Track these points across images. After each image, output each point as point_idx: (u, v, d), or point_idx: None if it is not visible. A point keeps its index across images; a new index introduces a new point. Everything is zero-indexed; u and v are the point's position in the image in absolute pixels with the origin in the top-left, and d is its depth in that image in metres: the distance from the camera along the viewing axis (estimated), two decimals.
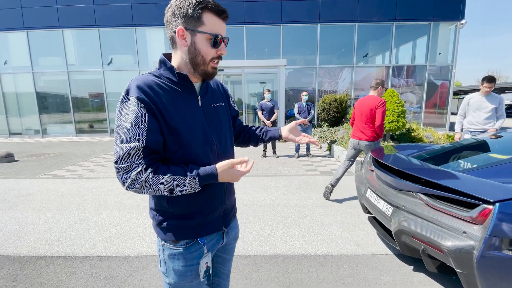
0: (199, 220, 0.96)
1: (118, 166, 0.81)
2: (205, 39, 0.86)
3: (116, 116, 0.83)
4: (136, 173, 0.81)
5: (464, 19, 10.22)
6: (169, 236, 0.95)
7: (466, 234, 1.57)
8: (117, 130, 0.82)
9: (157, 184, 0.82)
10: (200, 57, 0.88)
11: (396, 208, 2.08)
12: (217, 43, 0.87)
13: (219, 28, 0.87)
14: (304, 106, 6.25)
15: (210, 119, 0.97)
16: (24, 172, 5.52)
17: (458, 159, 2.44)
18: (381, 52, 11.39)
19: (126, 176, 0.81)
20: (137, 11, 10.50)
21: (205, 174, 0.87)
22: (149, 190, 0.83)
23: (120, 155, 0.81)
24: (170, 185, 0.83)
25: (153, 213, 0.98)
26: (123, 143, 0.80)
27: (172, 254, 0.96)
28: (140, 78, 0.87)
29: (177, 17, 0.84)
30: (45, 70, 11.35)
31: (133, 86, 0.83)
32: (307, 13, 10.34)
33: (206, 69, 0.91)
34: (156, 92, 0.84)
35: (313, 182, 4.57)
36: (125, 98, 0.82)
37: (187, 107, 0.90)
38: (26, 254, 2.46)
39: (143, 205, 3.62)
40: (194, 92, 0.94)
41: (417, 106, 11.12)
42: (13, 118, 11.76)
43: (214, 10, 0.84)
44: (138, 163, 0.81)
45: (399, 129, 5.94)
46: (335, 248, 2.49)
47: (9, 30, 10.93)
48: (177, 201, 0.92)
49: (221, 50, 0.90)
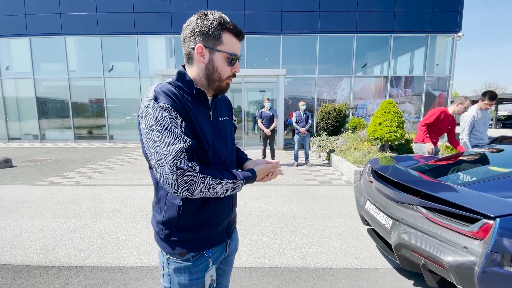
0: (206, 232, 0.96)
1: (174, 169, 0.79)
2: (223, 57, 0.90)
3: (150, 121, 0.82)
4: (194, 176, 0.81)
5: (461, 31, 10.41)
6: (176, 249, 0.94)
7: (466, 249, 1.55)
8: (159, 135, 0.80)
9: (216, 187, 0.87)
10: (216, 75, 0.92)
11: (396, 221, 2.06)
12: (231, 61, 0.92)
13: (236, 48, 0.92)
14: (302, 115, 6.28)
15: (218, 132, 1.00)
16: (21, 178, 5.47)
17: (458, 171, 2.44)
18: (380, 62, 11.56)
19: (183, 181, 0.80)
20: (139, 19, 10.65)
21: (249, 177, 0.97)
22: (205, 193, 0.86)
23: (172, 158, 0.79)
24: (224, 188, 0.90)
25: (159, 226, 0.96)
26: (169, 146, 0.80)
27: (178, 268, 0.95)
28: (164, 86, 0.88)
29: (196, 35, 0.88)
30: (46, 76, 11.41)
31: (162, 94, 0.84)
32: (306, 24, 10.52)
33: (221, 85, 0.95)
34: (181, 102, 0.87)
35: (312, 191, 4.55)
36: (156, 104, 0.82)
37: (200, 119, 0.93)
38: (20, 263, 2.41)
39: (140, 213, 3.58)
40: (207, 106, 0.98)
41: (416, 116, 11.20)
42: (12, 123, 11.74)
43: (233, 31, 0.89)
44: (191, 165, 0.82)
45: (398, 139, 5.96)
46: (334, 261, 2.46)
47: (12, 36, 11.03)
48: (188, 214, 0.92)
49: (236, 68, 0.95)
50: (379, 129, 5.95)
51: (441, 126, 3.78)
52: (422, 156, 3.35)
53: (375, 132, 6.01)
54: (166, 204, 0.93)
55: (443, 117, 3.73)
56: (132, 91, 11.27)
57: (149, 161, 0.88)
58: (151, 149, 0.82)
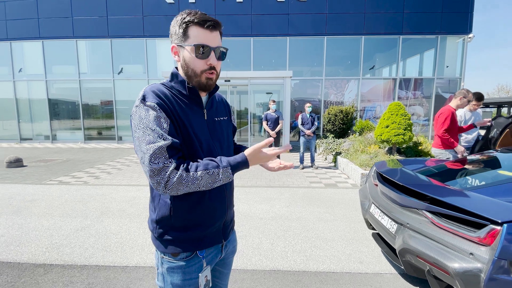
0: (199, 233, 0.96)
1: (151, 168, 0.80)
2: (190, 51, 0.89)
3: (136, 121, 0.84)
4: (169, 173, 0.81)
5: (471, 32, 10.19)
6: (169, 249, 0.95)
7: (473, 255, 1.50)
8: (141, 134, 0.82)
9: (193, 181, 0.83)
10: (190, 70, 0.91)
11: (401, 225, 2.01)
12: (203, 53, 0.88)
13: (204, 38, 0.88)
14: (308, 117, 6.25)
15: (213, 132, 1.00)
16: (31, 178, 5.60)
17: (466, 175, 2.37)
18: (388, 64, 11.40)
19: (159, 179, 0.81)
20: (148, 22, 10.83)
21: (236, 163, 0.89)
22: (184, 189, 0.84)
23: (149, 156, 0.80)
24: (206, 180, 0.85)
25: (154, 225, 0.97)
26: (149, 144, 0.81)
27: (171, 268, 0.96)
28: (155, 86, 0.90)
29: (171, 37, 0.92)
30: (58, 78, 11.71)
31: (150, 93, 0.86)
32: (313, 26, 10.48)
33: (200, 80, 0.92)
34: (170, 101, 0.88)
35: (317, 194, 4.50)
36: (143, 103, 0.84)
37: (194, 119, 0.93)
38: (25, 261, 2.46)
39: (145, 214, 3.61)
40: (201, 106, 0.97)
41: (425, 119, 10.99)
42: (24, 123, 12.08)
43: (197, 23, 0.87)
44: (169, 162, 0.81)
45: (406, 142, 5.85)
46: (337, 265, 2.42)
47: (25, 39, 11.38)
48: (180, 213, 0.93)
49: (210, 60, 0.90)
50: (386, 132, 5.85)
51: (455, 125, 3.68)
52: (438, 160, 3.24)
53: (383, 134, 5.91)
54: (160, 202, 0.94)
55: (453, 115, 3.62)
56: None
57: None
58: (137, 147, 0.84)
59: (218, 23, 0.90)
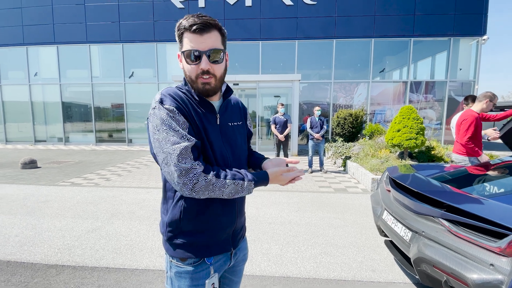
0: (208, 239, 0.96)
1: (180, 167, 0.80)
2: (184, 57, 0.89)
3: (156, 122, 0.84)
4: (198, 175, 0.81)
5: (486, 34, 9.95)
6: (177, 253, 0.95)
7: (493, 266, 1.44)
8: (164, 135, 0.82)
9: (220, 188, 0.84)
10: (187, 76, 0.92)
11: (415, 233, 1.95)
12: (194, 58, 0.87)
13: (195, 43, 0.86)
14: (316, 120, 6.20)
15: (226, 137, 0.99)
16: (44, 179, 5.74)
17: (483, 182, 2.29)
18: (399, 67, 11.23)
19: (187, 180, 0.81)
20: (159, 27, 11.03)
21: (260, 180, 0.92)
22: (209, 194, 0.84)
23: (177, 156, 0.80)
24: (230, 189, 0.86)
25: (164, 227, 0.98)
26: (174, 144, 0.81)
27: (179, 272, 0.96)
28: (171, 90, 0.91)
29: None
30: (71, 82, 12.04)
31: (167, 96, 0.87)
32: (322, 30, 10.45)
33: (197, 86, 0.91)
34: (186, 105, 0.88)
35: (326, 199, 4.44)
36: (161, 106, 0.85)
37: (207, 123, 0.93)
38: (38, 261, 2.50)
39: (154, 216, 3.63)
40: (213, 110, 0.97)
41: (437, 122, 10.75)
42: (39, 126, 12.44)
43: (187, 28, 0.86)
44: (196, 164, 0.82)
45: (418, 146, 5.72)
46: (348, 273, 2.36)
47: (41, 45, 11.76)
48: (189, 217, 0.93)
49: (201, 64, 0.87)
50: (398, 136, 5.74)
51: (479, 131, 3.44)
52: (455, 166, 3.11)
53: (394, 138, 5.80)
54: (172, 205, 0.94)
55: (477, 121, 3.42)
56: (150, 96, 11.61)
57: (157, 161, 0.89)
58: (158, 149, 0.84)
59: (207, 25, 0.85)
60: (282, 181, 0.97)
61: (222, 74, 0.94)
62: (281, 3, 10.37)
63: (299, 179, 1.01)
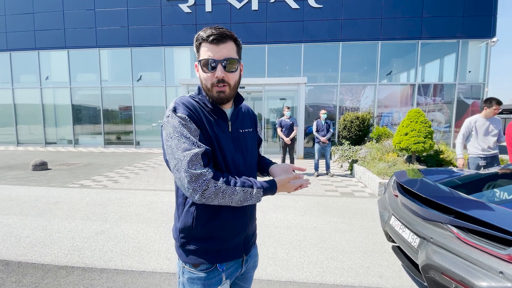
0: (220, 245, 0.97)
1: (190, 173, 0.82)
2: (200, 66, 0.92)
3: (169, 130, 0.87)
4: (207, 181, 0.83)
5: (495, 36, 9.78)
6: (190, 259, 0.96)
7: (503, 274, 1.41)
8: (176, 142, 0.85)
9: (229, 195, 0.86)
10: (203, 84, 0.95)
11: (423, 239, 1.93)
12: (210, 68, 0.90)
13: (211, 53, 0.90)
14: (322, 124, 6.18)
15: (237, 144, 1.01)
16: (55, 180, 5.86)
17: (494, 187, 2.25)
18: (406, 69, 11.12)
19: (197, 186, 0.83)
20: (166, 31, 11.20)
21: (268, 188, 0.93)
22: (219, 200, 0.86)
23: (187, 162, 0.83)
24: (240, 196, 0.88)
25: (177, 233, 0.99)
26: (185, 151, 0.84)
27: (191, 278, 0.97)
28: (184, 98, 0.94)
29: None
30: (81, 85, 12.30)
31: (180, 105, 0.90)
32: (329, 32, 10.44)
33: (212, 95, 0.94)
34: (198, 113, 0.91)
35: (333, 203, 4.41)
36: (174, 114, 0.88)
37: (219, 131, 0.95)
38: (49, 262, 2.56)
39: (161, 219, 3.67)
40: (225, 118, 0.99)
41: (446, 125, 10.58)
42: (49, 128, 12.72)
43: (204, 39, 0.90)
44: (205, 170, 0.84)
45: (426, 150, 5.65)
46: (355, 279, 2.35)
47: (52, 49, 12.06)
48: (201, 223, 0.94)
49: (216, 73, 0.90)
50: (405, 140, 5.68)
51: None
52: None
53: (401, 142, 5.74)
54: (184, 211, 0.96)
55: None
56: (158, 99, 11.79)
57: (169, 167, 0.91)
58: (170, 155, 0.87)
59: (223, 35, 0.89)
60: (289, 189, 0.99)
61: (236, 83, 0.97)
62: (287, 7, 10.41)
63: (305, 187, 1.03)
